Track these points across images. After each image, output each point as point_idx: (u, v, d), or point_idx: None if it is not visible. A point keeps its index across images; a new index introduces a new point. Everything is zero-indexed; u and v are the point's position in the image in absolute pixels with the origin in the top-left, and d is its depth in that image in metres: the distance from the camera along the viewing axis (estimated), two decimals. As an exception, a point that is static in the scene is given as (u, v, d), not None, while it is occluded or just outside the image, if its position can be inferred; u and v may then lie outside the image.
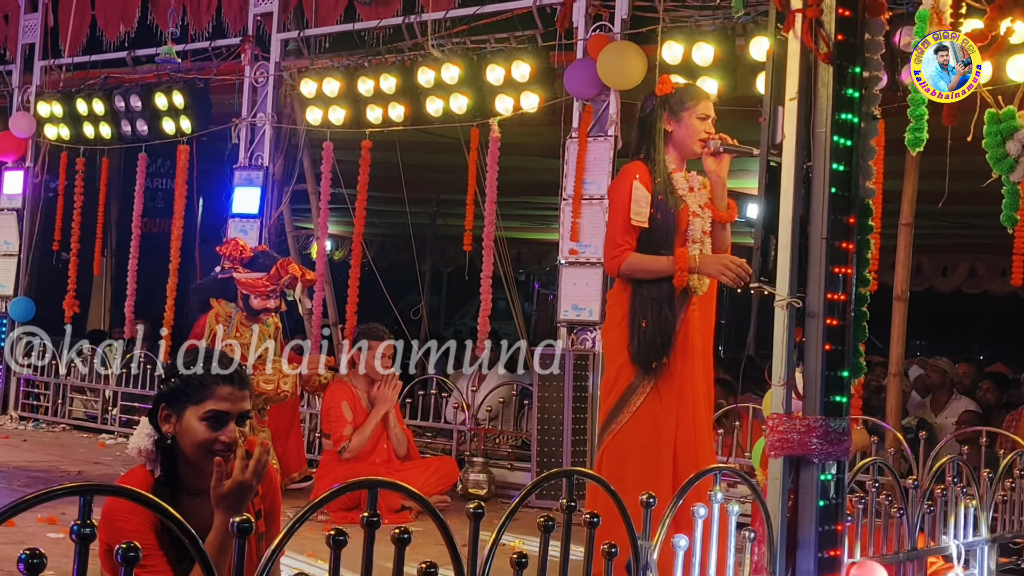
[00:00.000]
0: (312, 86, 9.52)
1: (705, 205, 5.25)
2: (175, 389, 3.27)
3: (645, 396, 5.09)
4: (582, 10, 8.19)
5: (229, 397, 3.24)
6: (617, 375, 5.17)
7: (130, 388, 10.40)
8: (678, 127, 5.22)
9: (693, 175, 5.31)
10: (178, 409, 3.25)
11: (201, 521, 3.12)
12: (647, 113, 5.30)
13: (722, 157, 5.22)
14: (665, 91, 5.27)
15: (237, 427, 3.25)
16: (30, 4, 11.69)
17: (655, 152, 5.21)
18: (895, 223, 7.15)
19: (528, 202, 13.51)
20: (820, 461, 3.68)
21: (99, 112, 10.87)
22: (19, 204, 11.57)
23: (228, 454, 3.17)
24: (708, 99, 5.35)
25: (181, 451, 3.25)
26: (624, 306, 5.19)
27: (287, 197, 10.05)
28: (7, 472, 7.97)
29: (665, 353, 5.06)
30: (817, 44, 3.84)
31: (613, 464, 5.11)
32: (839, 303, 3.84)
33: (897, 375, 7.26)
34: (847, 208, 3.89)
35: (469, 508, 2.61)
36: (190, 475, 3.26)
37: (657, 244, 5.13)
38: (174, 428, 3.25)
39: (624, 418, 5.11)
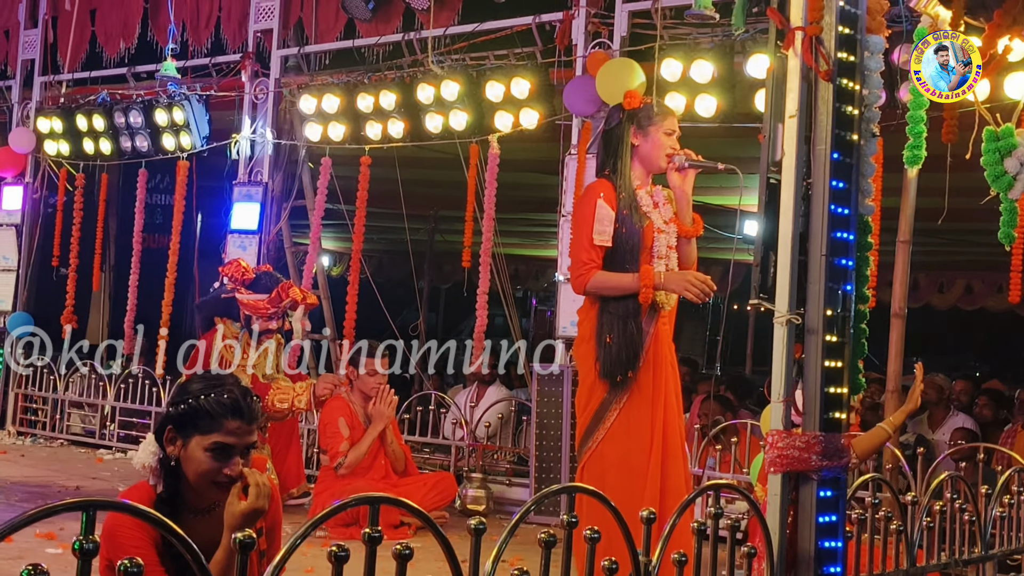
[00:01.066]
0: (312, 102, 9.54)
1: (670, 220, 5.29)
2: (183, 415, 3.25)
3: (619, 411, 5.12)
4: (581, 27, 8.22)
5: (236, 431, 3.22)
6: (590, 392, 5.20)
7: (128, 403, 10.38)
8: (644, 141, 5.26)
9: (658, 190, 5.35)
10: (184, 435, 3.23)
11: (202, 539, 3.10)
12: (613, 126, 5.34)
13: (687, 172, 5.26)
14: (633, 105, 5.31)
15: (241, 460, 3.23)
16: (30, 20, 11.72)
17: (622, 166, 5.25)
18: (893, 240, 7.15)
19: (526, 218, 13.53)
20: (819, 477, 3.69)
21: (99, 128, 10.89)
22: (18, 219, 11.58)
23: (230, 486, 3.16)
24: (674, 115, 5.41)
25: (183, 474, 3.25)
26: (592, 322, 5.23)
27: (286, 213, 10.06)
28: (5, 487, 7.95)
29: (632, 367, 5.09)
30: (817, 62, 3.86)
31: (594, 481, 5.11)
32: (838, 320, 3.86)
33: (895, 392, 7.25)
34: (846, 225, 3.90)
35: (471, 524, 2.61)
36: (192, 495, 3.27)
37: (622, 260, 5.16)
38: (179, 452, 3.24)
39: (600, 434, 5.14)
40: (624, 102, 5.35)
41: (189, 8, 10.57)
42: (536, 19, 8.54)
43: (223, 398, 3.24)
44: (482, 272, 8.72)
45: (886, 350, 7.31)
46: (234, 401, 3.24)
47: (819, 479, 3.69)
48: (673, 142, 5.27)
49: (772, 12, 3.96)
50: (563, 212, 8.15)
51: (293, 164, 10.12)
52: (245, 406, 3.25)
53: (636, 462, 5.08)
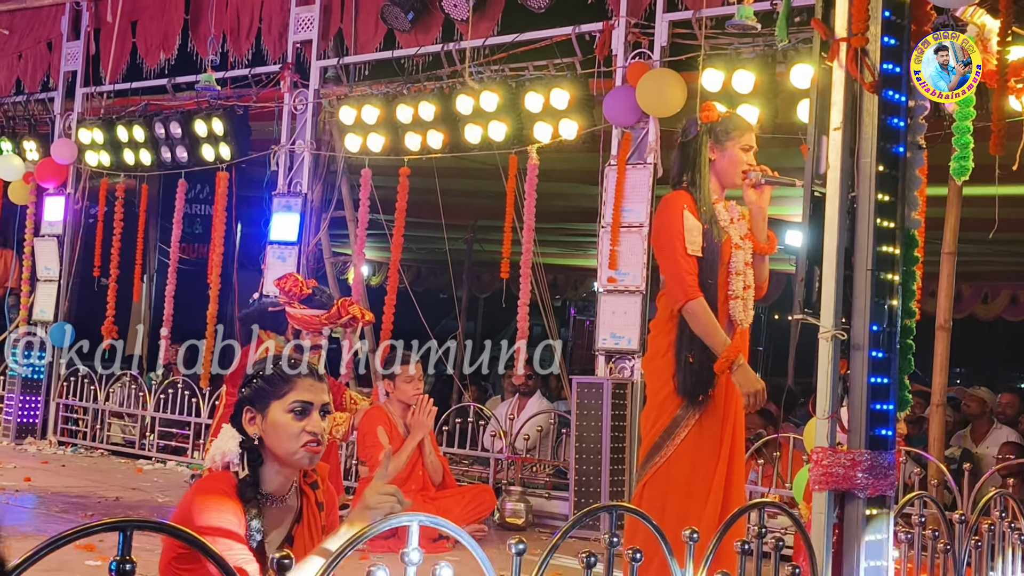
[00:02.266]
0: (351, 113, 9.54)
1: (745, 236, 5.22)
2: (257, 389, 3.38)
3: (689, 429, 5.05)
4: (621, 38, 8.18)
5: (311, 388, 3.36)
6: (661, 407, 5.13)
7: (167, 414, 10.41)
8: (722, 156, 5.18)
9: (732, 205, 5.27)
10: (262, 407, 3.34)
11: (278, 527, 3.31)
12: (690, 139, 5.25)
13: (763, 189, 5.19)
14: (710, 119, 5.23)
15: (320, 418, 3.34)
16: (72, 32, 11.81)
17: (700, 179, 5.17)
18: (937, 250, 7.07)
19: (565, 228, 13.50)
20: (866, 496, 3.62)
21: (139, 139, 10.95)
22: (60, 230, 11.66)
23: (316, 446, 3.30)
24: (751, 130, 5.32)
25: (268, 451, 3.33)
26: (670, 336, 5.14)
27: (325, 224, 10.06)
28: (46, 497, 7.98)
29: (711, 386, 5.03)
30: (862, 73, 3.80)
31: (655, 496, 5.07)
32: (885, 335, 3.79)
33: (940, 405, 7.17)
34: (892, 239, 3.84)
35: (511, 544, 2.58)
36: (273, 479, 3.34)
37: (705, 274, 5.07)
38: (260, 427, 3.34)
39: (669, 450, 5.06)
40: (701, 115, 5.28)
41: (229, 19, 10.60)
42: (576, 29, 8.50)
43: (289, 362, 3.42)
44: (522, 283, 8.68)
45: (930, 362, 7.23)
46: (299, 363, 3.43)
47: (865, 497, 3.63)
48: (750, 158, 5.20)
49: (816, 23, 3.91)
50: (603, 223, 8.11)
51: (332, 175, 10.13)
52: (310, 365, 3.43)
53: (701, 480, 5.03)
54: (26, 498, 7.97)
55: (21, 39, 12.27)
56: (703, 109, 5.34)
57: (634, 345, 7.85)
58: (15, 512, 7.52)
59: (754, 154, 5.26)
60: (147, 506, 7.97)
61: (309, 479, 3.42)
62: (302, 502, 3.40)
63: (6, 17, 12.28)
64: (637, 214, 7.95)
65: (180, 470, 9.87)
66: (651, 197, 7.92)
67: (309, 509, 3.39)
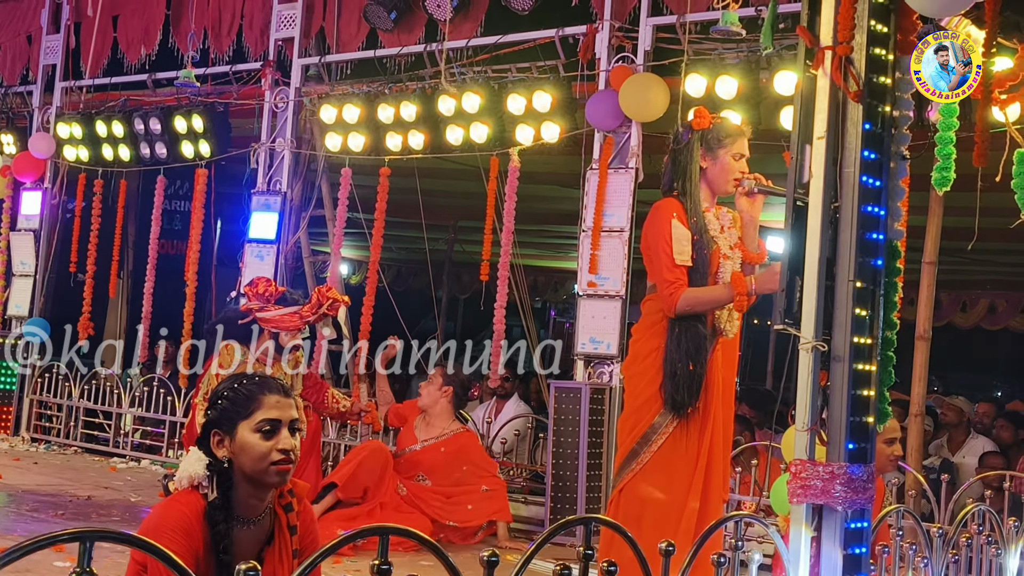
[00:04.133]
0: (332, 112, 9.49)
1: (735, 246, 5.17)
2: (222, 410, 3.30)
3: (667, 436, 4.99)
4: (605, 41, 8.14)
5: (277, 405, 3.28)
6: (639, 413, 5.07)
7: (143, 411, 10.33)
8: (713, 164, 5.12)
9: (723, 212, 5.22)
10: (229, 428, 3.27)
11: (247, 550, 3.23)
12: (682, 147, 5.17)
13: (755, 197, 5.13)
14: (702, 125, 5.16)
15: (290, 435, 3.29)
16: (52, 25, 11.72)
17: (691, 187, 5.10)
18: (917, 259, 7.05)
19: (546, 230, 13.47)
20: (844, 509, 3.59)
21: (118, 134, 10.87)
22: (36, 225, 11.57)
23: (287, 463, 3.23)
24: (744, 136, 5.24)
25: (238, 472, 3.26)
26: (652, 343, 5.08)
27: (305, 223, 10.00)
28: (16, 496, 7.90)
29: (697, 393, 4.97)
30: (847, 82, 3.77)
31: (631, 504, 5.02)
32: (865, 347, 3.76)
33: (918, 415, 7.16)
34: (875, 250, 3.81)
35: (483, 556, 2.53)
36: (244, 500, 3.27)
37: (693, 283, 5.00)
38: (229, 449, 3.27)
39: (645, 457, 5.01)
40: (693, 122, 5.19)
41: (211, 16, 10.53)
42: (559, 32, 8.47)
43: (254, 380, 3.35)
44: (500, 285, 8.64)
45: (908, 371, 7.21)
46: (264, 379, 3.37)
47: (843, 510, 3.60)
48: (742, 165, 5.14)
49: (802, 31, 3.87)
50: (583, 227, 8.07)
51: (312, 173, 10.07)
52: (275, 382, 3.36)
53: (678, 489, 4.98)
54: (-3, 496, 7.90)
55: (1, 32, 12.16)
56: (696, 115, 5.24)
57: (613, 350, 7.81)
58: (-15, 510, 7.45)
59: (747, 161, 5.21)
60: (119, 505, 7.89)
61: (284, 500, 3.35)
62: (274, 524, 3.33)
63: (-15, 9, 12.18)
64: (618, 219, 7.91)
65: (154, 469, 9.78)
66: (632, 202, 7.89)
67: (280, 532, 3.32)
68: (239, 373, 3.52)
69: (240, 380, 3.34)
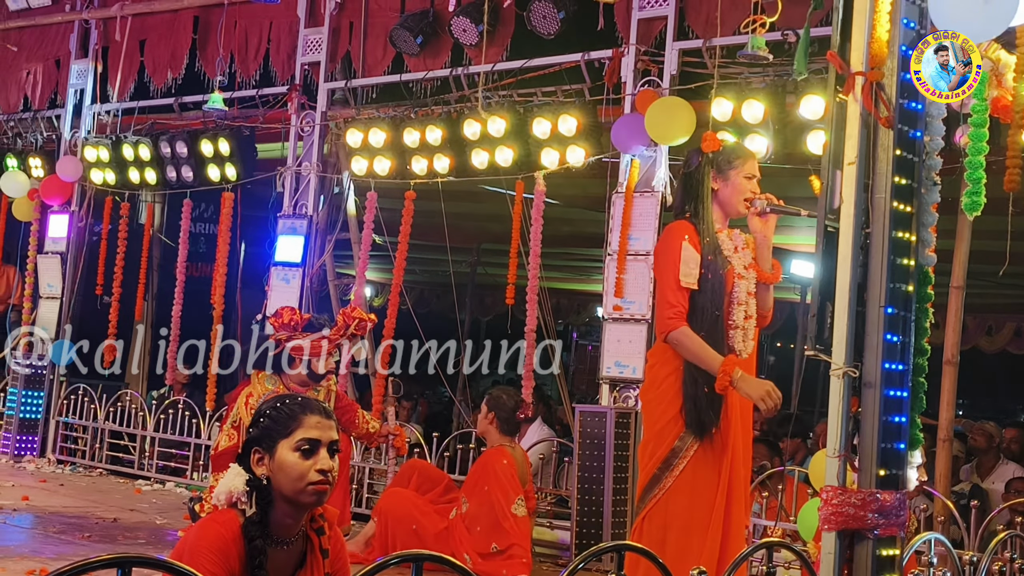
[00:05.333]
0: (358, 136, 9.52)
1: (749, 266, 5.20)
2: (264, 428, 3.33)
3: (688, 460, 5.00)
4: (631, 65, 8.15)
5: (318, 426, 3.31)
6: (659, 438, 5.08)
7: (168, 435, 10.34)
8: (724, 186, 5.18)
9: (736, 233, 5.26)
10: (269, 447, 3.30)
11: (280, 572, 3.26)
12: (693, 170, 5.24)
13: (768, 217, 5.17)
14: (712, 148, 5.23)
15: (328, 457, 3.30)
16: (81, 50, 11.80)
17: (703, 210, 5.15)
18: (944, 283, 7.02)
19: (570, 253, 13.46)
20: (876, 536, 3.57)
21: (145, 157, 10.92)
22: (63, 247, 11.62)
23: (325, 483, 3.25)
24: (754, 158, 5.32)
25: (276, 491, 3.28)
26: (670, 366, 5.09)
27: (330, 246, 10.02)
28: (43, 517, 7.92)
29: (719, 415, 4.97)
30: (878, 107, 3.77)
31: (654, 530, 5.01)
32: (897, 373, 3.75)
33: (947, 440, 7.11)
34: (906, 276, 3.80)
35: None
36: (280, 520, 3.29)
37: (705, 305, 5.05)
38: (268, 468, 3.29)
39: (668, 483, 5.01)
40: (703, 145, 5.27)
41: (238, 40, 10.59)
42: (585, 56, 8.47)
43: (296, 400, 3.38)
44: (529, 308, 8.63)
45: (936, 396, 7.16)
46: (305, 400, 3.39)
47: (875, 537, 3.58)
48: (754, 186, 5.19)
49: (832, 56, 3.88)
50: (610, 250, 8.06)
51: (338, 197, 10.09)
52: (317, 403, 3.39)
53: (700, 513, 4.97)
54: (24, 517, 7.92)
55: (29, 56, 12.26)
56: (704, 139, 5.33)
57: (639, 374, 7.78)
58: (12, 532, 7.47)
59: (758, 182, 5.24)
60: (145, 528, 7.90)
61: (316, 524, 3.37)
62: (306, 547, 3.35)
63: (15, 34, 12.27)
64: (644, 242, 7.90)
65: (179, 491, 9.80)
66: (658, 225, 7.88)
67: (313, 555, 3.34)
68: (283, 393, 3.54)
69: (283, 399, 3.37)
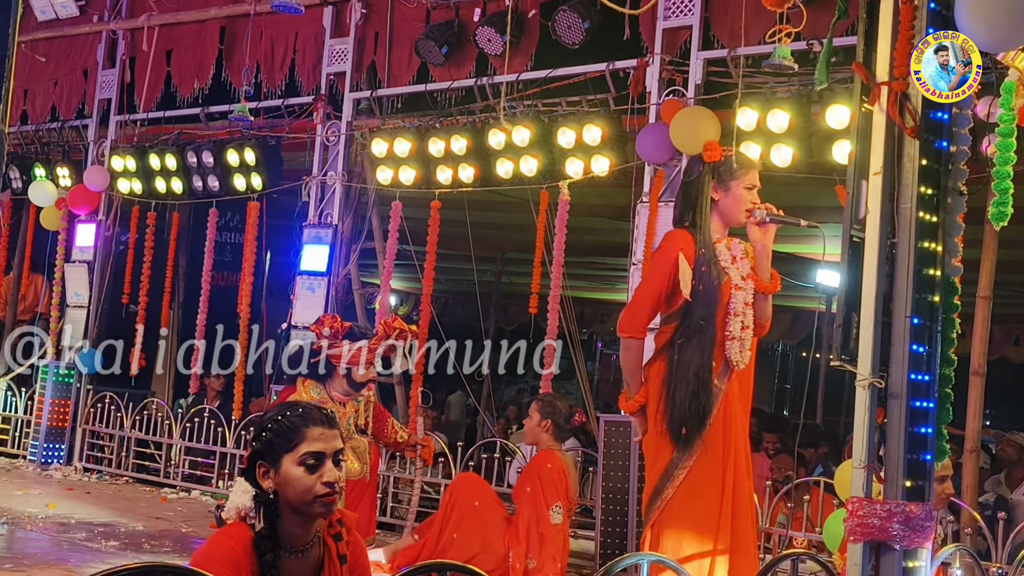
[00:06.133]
0: (383, 146, 9.54)
1: (747, 276, 5.23)
2: (267, 442, 3.31)
3: (688, 471, 5.06)
4: (655, 75, 8.15)
5: (321, 437, 3.28)
6: (657, 452, 5.17)
7: (194, 443, 10.38)
8: (725, 196, 5.22)
9: (735, 243, 5.29)
10: (274, 460, 3.28)
11: None
12: (693, 179, 5.29)
13: (768, 227, 5.22)
14: (713, 158, 5.27)
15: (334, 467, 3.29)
16: (108, 60, 11.88)
17: (701, 220, 5.21)
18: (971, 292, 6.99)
19: (594, 262, 13.46)
20: (902, 548, 3.56)
21: (171, 167, 10.98)
22: (90, 256, 11.69)
23: (333, 495, 3.24)
24: (755, 168, 5.35)
25: (284, 503, 3.28)
26: (659, 377, 5.18)
27: (355, 256, 10.05)
28: (70, 526, 7.97)
29: (703, 424, 5.03)
30: (903, 117, 3.76)
31: (663, 539, 5.07)
32: (923, 384, 3.73)
33: (973, 451, 7.07)
34: (932, 286, 3.79)
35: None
36: (290, 531, 3.29)
37: (699, 315, 5.12)
38: (274, 481, 3.28)
39: (669, 492, 5.08)
40: (704, 154, 5.30)
41: (264, 50, 10.64)
42: (610, 66, 8.47)
43: (297, 411, 3.33)
44: (551, 319, 8.64)
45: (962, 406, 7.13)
46: (308, 410, 3.34)
47: (902, 549, 3.57)
48: (754, 196, 5.22)
49: (858, 67, 3.87)
50: (634, 260, 8.06)
51: (363, 206, 10.12)
52: (320, 413, 3.35)
53: (706, 523, 5.00)
54: (50, 525, 7.96)
55: (57, 67, 12.35)
56: (706, 148, 5.36)
57: (663, 384, 7.76)
58: (39, 540, 7.51)
59: (758, 192, 5.27)
60: (171, 536, 7.93)
61: (333, 530, 3.37)
62: (324, 553, 3.34)
63: (43, 45, 12.36)
64: (668, 252, 7.87)
65: (204, 500, 9.84)
66: (683, 235, 7.86)
67: (331, 561, 3.33)
68: (284, 403, 3.52)
69: (284, 411, 3.34)
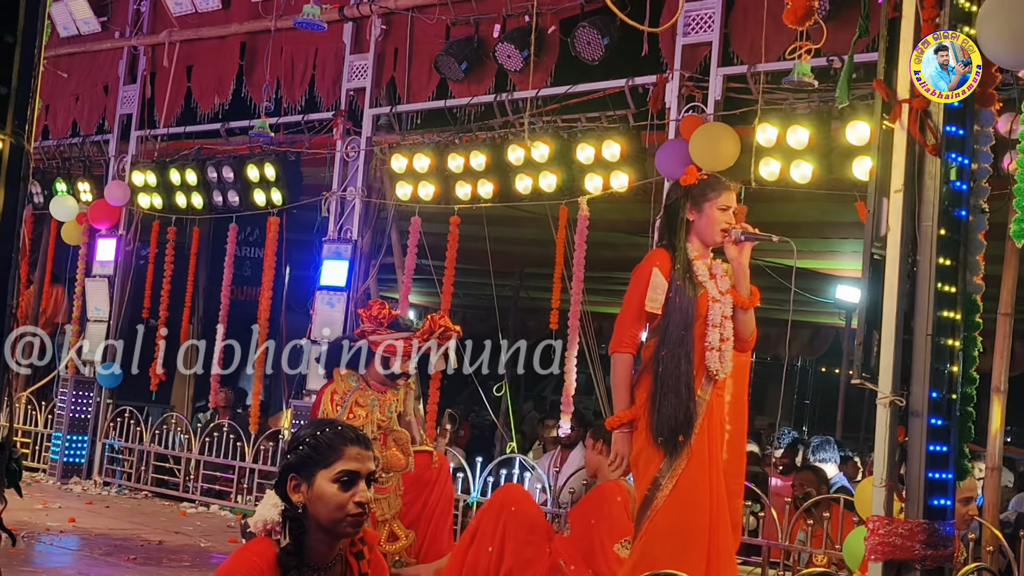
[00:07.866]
0: (403, 161, 9.56)
1: (727, 291, 5.44)
2: (303, 456, 3.31)
3: (676, 479, 5.19)
4: (675, 91, 8.15)
5: (358, 457, 3.30)
6: (647, 460, 5.29)
7: (212, 457, 10.40)
8: (699, 217, 5.47)
9: (718, 263, 5.52)
10: (308, 475, 3.29)
11: None
12: (672, 202, 5.58)
13: (743, 245, 5.41)
14: (688, 182, 5.53)
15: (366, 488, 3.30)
16: (129, 76, 11.94)
17: (677, 240, 5.46)
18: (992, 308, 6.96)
19: (613, 277, 13.44)
20: (923, 567, 3.55)
21: (191, 182, 11.01)
22: (111, 271, 11.72)
23: (362, 516, 3.26)
24: (730, 190, 5.56)
25: (312, 520, 3.28)
26: (646, 392, 5.34)
27: (374, 271, 10.06)
28: (89, 539, 7.99)
29: (685, 434, 5.18)
30: (924, 135, 3.75)
31: (655, 548, 5.17)
32: (944, 402, 3.72)
33: (995, 469, 7.04)
34: (954, 304, 3.78)
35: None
36: (315, 548, 3.29)
37: (676, 327, 5.32)
38: (305, 496, 3.28)
39: (659, 502, 5.21)
40: (681, 178, 5.57)
41: (284, 66, 10.68)
42: (629, 82, 8.48)
43: (336, 429, 3.35)
44: (570, 335, 8.64)
45: (984, 424, 7.10)
46: (345, 429, 3.36)
47: (923, 568, 3.55)
48: (728, 217, 5.44)
49: (879, 84, 3.87)
50: (653, 276, 8.04)
51: (382, 221, 10.14)
52: (356, 433, 3.37)
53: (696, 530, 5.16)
54: (70, 539, 7.99)
55: (79, 82, 12.42)
56: (684, 173, 5.65)
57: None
58: (59, 554, 7.53)
59: (735, 212, 5.50)
60: (189, 551, 7.95)
61: (355, 548, 3.37)
62: (346, 572, 3.35)
63: (65, 60, 12.43)
64: (688, 268, 7.87)
65: (223, 514, 9.85)
66: (702, 251, 7.85)
67: None
68: (321, 419, 3.55)
69: (323, 427, 3.36)
